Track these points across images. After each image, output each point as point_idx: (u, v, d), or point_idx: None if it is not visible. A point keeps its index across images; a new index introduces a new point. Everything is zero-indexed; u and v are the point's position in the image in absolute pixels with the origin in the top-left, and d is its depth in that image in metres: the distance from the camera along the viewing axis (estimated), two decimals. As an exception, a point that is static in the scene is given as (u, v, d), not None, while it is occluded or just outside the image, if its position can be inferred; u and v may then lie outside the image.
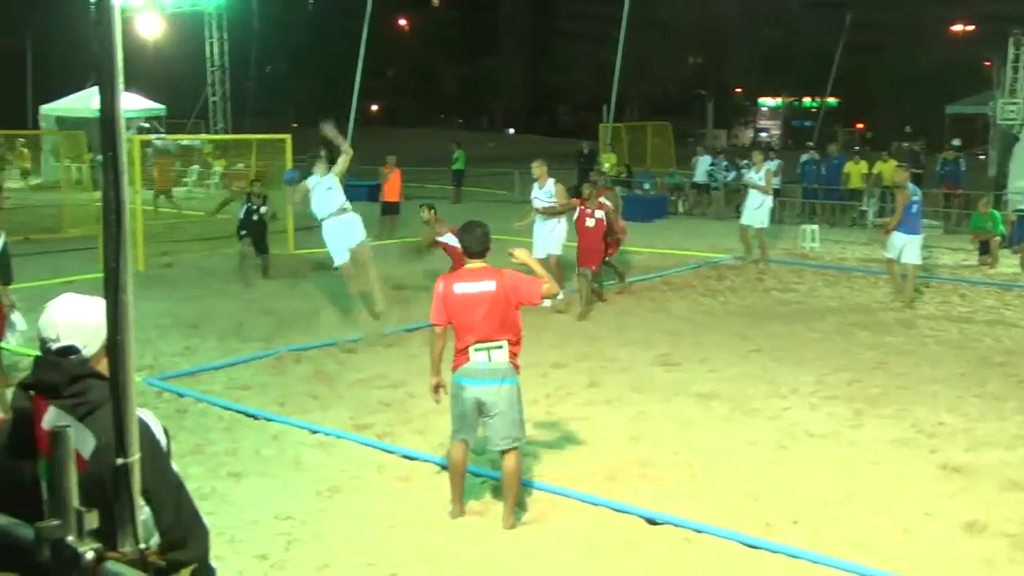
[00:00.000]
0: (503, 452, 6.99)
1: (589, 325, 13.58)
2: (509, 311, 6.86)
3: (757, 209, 19.18)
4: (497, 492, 7.39)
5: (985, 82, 30.99)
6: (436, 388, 7.09)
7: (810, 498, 7.46)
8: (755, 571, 6.33)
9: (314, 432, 8.83)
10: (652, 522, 6.96)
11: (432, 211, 15.34)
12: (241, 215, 17.80)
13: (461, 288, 6.85)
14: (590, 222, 14.66)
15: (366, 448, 8.49)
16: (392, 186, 23.34)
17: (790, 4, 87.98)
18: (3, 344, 9.81)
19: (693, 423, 9.38)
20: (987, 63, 30.85)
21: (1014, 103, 25.92)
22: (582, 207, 14.79)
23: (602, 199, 15.19)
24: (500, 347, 6.83)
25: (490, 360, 6.82)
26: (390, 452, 8.37)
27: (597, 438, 8.83)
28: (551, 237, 15.13)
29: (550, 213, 15.22)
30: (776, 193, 27.58)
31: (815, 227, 22.51)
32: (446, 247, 14.35)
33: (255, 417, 9.25)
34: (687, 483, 7.78)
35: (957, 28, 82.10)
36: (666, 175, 32.80)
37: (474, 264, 6.99)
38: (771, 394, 10.34)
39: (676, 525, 6.88)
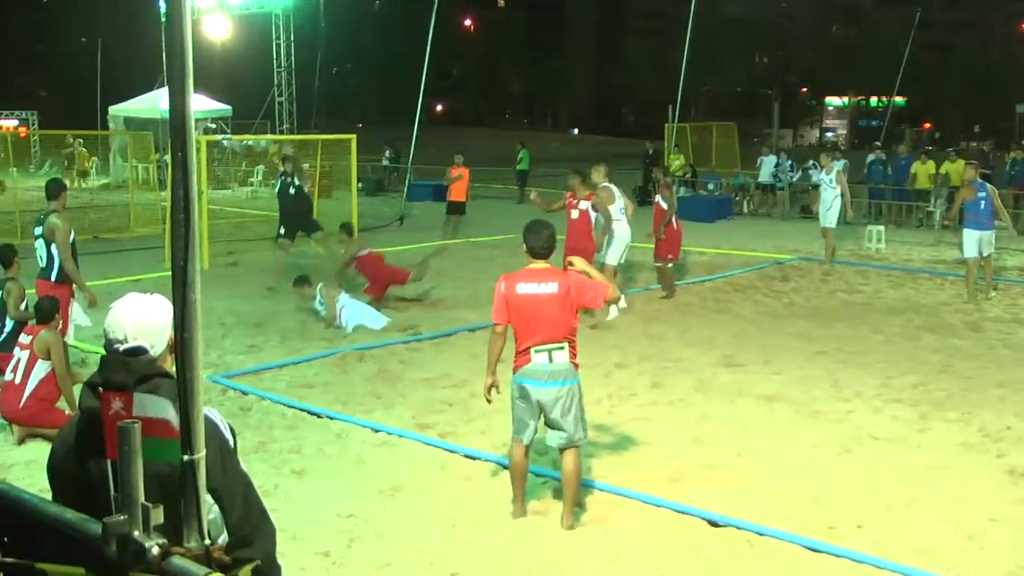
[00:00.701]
0: (562, 451, 6.99)
1: (653, 325, 13.53)
2: (570, 313, 6.84)
3: (828, 211, 19.00)
4: (559, 493, 7.39)
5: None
6: (490, 388, 7.10)
7: (874, 502, 7.37)
8: (817, 575, 6.28)
9: (376, 431, 8.89)
10: (714, 524, 6.93)
11: (349, 234, 15.53)
12: (278, 193, 17.08)
13: (524, 288, 6.83)
14: (574, 214, 14.03)
15: (428, 447, 8.54)
16: (459, 186, 23.25)
17: (859, 2, 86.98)
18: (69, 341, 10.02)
19: (756, 425, 9.31)
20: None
21: (1087, 101, 25.37)
22: (570, 198, 14.22)
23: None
24: (562, 348, 6.82)
25: (551, 361, 6.81)
26: (452, 451, 8.41)
27: (659, 439, 8.80)
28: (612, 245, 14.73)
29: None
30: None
31: (881, 228, 22.23)
32: (361, 265, 14.70)
33: (318, 415, 9.34)
34: (750, 485, 7.73)
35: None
36: (731, 175, 32.58)
37: (538, 264, 6.95)
38: (835, 397, 10.23)
39: (738, 527, 6.84)
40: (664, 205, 15.74)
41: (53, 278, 10.36)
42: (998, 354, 12.29)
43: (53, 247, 10.32)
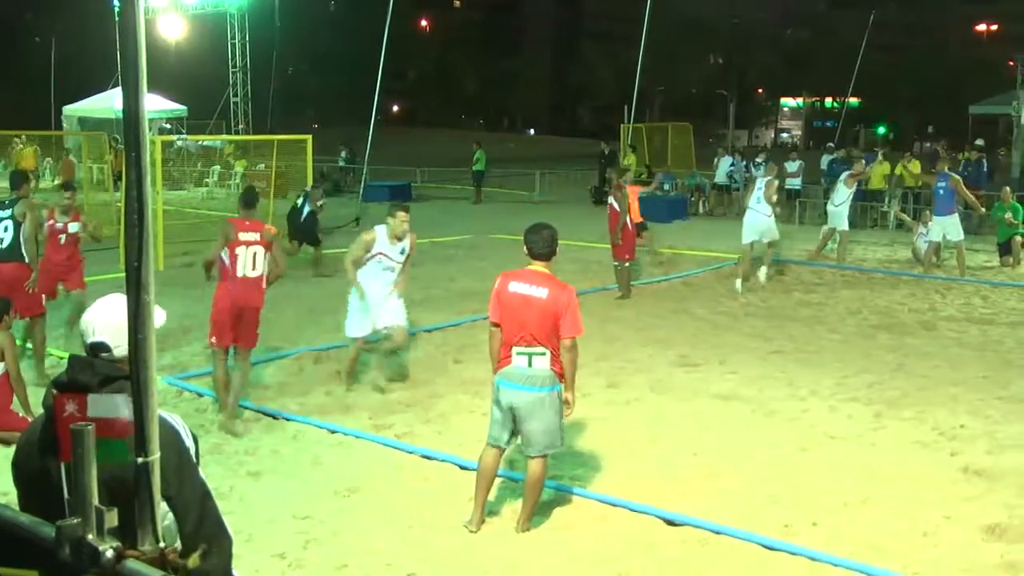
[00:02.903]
0: (531, 457, 6.91)
1: (609, 325, 13.56)
2: (555, 324, 6.68)
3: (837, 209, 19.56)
4: (516, 493, 7.41)
5: (1009, 82, 30.80)
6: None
7: (829, 500, 7.44)
8: (773, 573, 6.33)
9: (333, 432, 8.86)
10: (670, 523, 6.96)
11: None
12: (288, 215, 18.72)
13: (515, 287, 6.76)
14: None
15: (385, 448, 8.52)
16: None
17: (814, 4, 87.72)
18: None
19: (712, 424, 9.37)
20: (1012, 62, 30.60)
21: (1039, 103, 25.83)
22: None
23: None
24: (543, 354, 6.69)
25: (530, 366, 6.69)
26: (409, 452, 8.39)
27: (615, 439, 8.84)
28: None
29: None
30: (796, 194, 27.68)
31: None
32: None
33: (274, 417, 9.30)
34: (706, 484, 7.77)
35: (981, 28, 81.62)
36: (687, 176, 32.75)
37: (536, 266, 6.85)
38: (791, 396, 10.32)
39: (694, 526, 6.88)
40: (617, 207, 15.82)
41: (25, 259, 10.58)
42: (951, 353, 12.44)
43: (21, 229, 10.54)
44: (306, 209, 18.49)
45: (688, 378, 10.99)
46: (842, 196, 19.38)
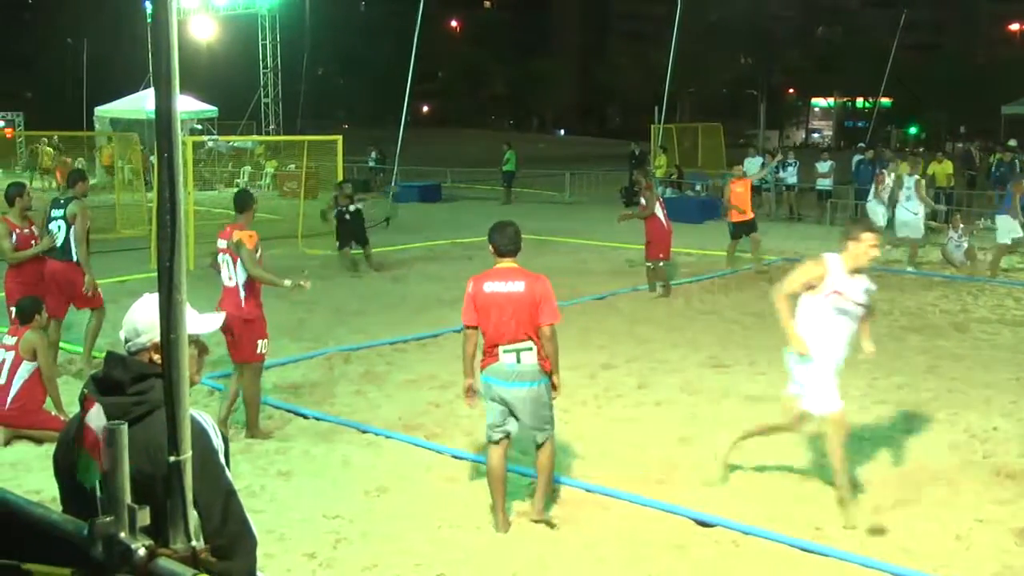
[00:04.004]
0: (538, 445, 7.01)
1: (639, 326, 13.54)
2: (535, 314, 6.76)
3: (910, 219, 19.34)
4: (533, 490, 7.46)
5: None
6: (469, 391, 7.06)
7: (860, 503, 7.39)
8: (804, 575, 6.29)
9: (363, 432, 8.89)
10: (701, 524, 6.94)
11: None
12: (335, 221, 18.79)
13: (491, 287, 6.81)
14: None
15: (415, 448, 8.54)
16: None
17: (846, 3, 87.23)
18: None
19: (742, 425, 9.30)
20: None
21: (1072, 103, 25.57)
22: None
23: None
24: (530, 349, 6.76)
25: (519, 362, 6.75)
26: (439, 452, 8.41)
27: (646, 440, 8.82)
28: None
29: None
30: (827, 195, 27.52)
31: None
32: None
33: (304, 416, 9.34)
34: (736, 485, 7.74)
35: (1014, 27, 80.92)
36: (717, 176, 32.64)
37: (505, 263, 6.92)
38: (821, 397, 10.24)
39: (725, 527, 6.85)
40: (643, 203, 15.92)
41: (74, 258, 10.70)
42: (983, 355, 12.33)
43: (72, 230, 10.64)
44: (351, 208, 18.50)
45: (719, 379, 10.95)
46: (917, 203, 19.21)
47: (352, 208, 18.42)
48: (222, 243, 8.87)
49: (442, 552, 6.50)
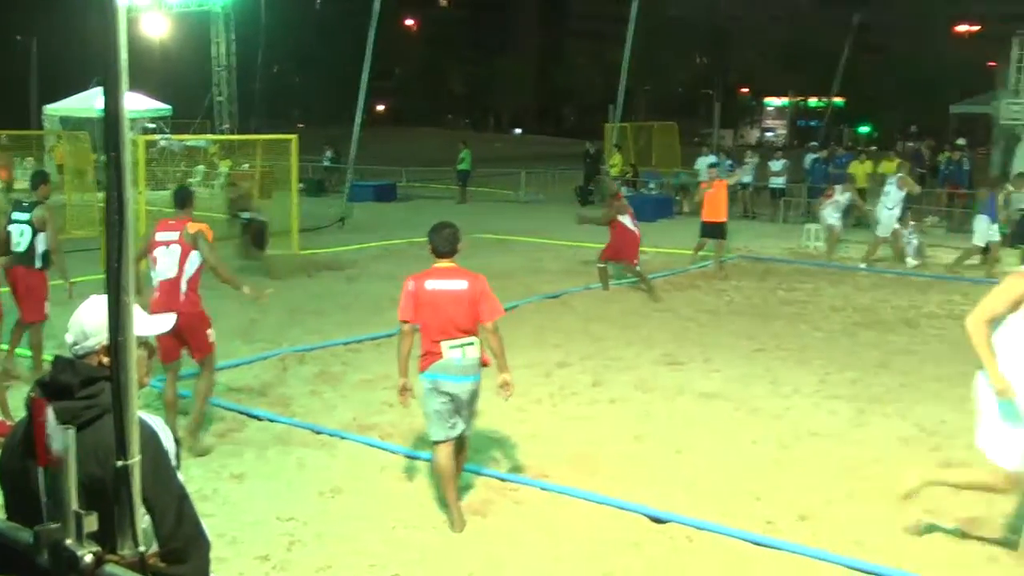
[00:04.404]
0: (459, 443, 7.14)
1: (593, 324, 13.58)
2: (477, 311, 6.93)
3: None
4: (497, 491, 7.46)
5: (990, 82, 30.95)
6: (404, 390, 7.13)
7: (813, 497, 7.48)
8: (758, 569, 6.35)
9: (317, 433, 8.84)
10: (656, 520, 6.98)
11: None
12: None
13: (433, 285, 6.94)
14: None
15: (369, 448, 8.51)
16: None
17: (799, 3, 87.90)
18: None
19: (696, 422, 9.39)
20: (992, 63, 30.79)
21: (1018, 103, 26.04)
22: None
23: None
24: (472, 344, 6.94)
25: (465, 356, 6.91)
26: (393, 452, 8.39)
27: (601, 437, 8.85)
28: None
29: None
30: (781, 193, 27.78)
31: (819, 226, 22.47)
32: None
33: (258, 418, 9.27)
34: (691, 482, 7.79)
35: (962, 28, 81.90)
36: (672, 175, 32.81)
37: (443, 263, 7.06)
38: (774, 393, 10.37)
39: (680, 523, 6.90)
40: (628, 223, 16.00)
41: (37, 265, 10.47)
42: (933, 349, 12.52)
43: (40, 235, 10.41)
44: (244, 215, 18.44)
45: (673, 376, 11.01)
46: (894, 200, 19.39)
47: (246, 216, 18.38)
48: (167, 235, 8.57)
49: (397, 552, 6.49)
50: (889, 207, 19.27)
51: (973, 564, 6.42)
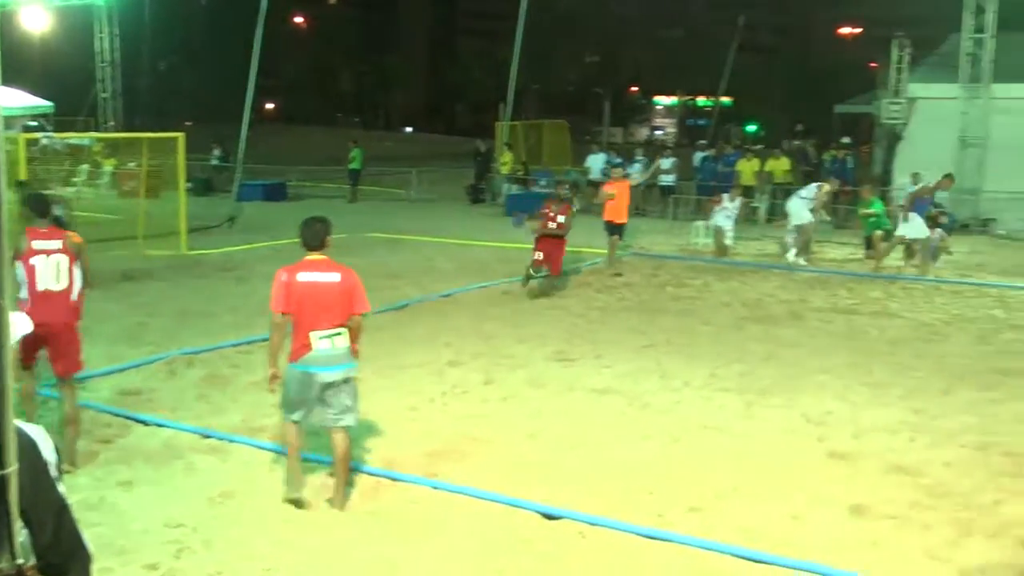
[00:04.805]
0: (333, 431, 7.23)
1: (485, 323, 13.60)
2: (348, 303, 7.11)
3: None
4: (389, 491, 7.43)
5: (872, 83, 31.82)
6: (273, 378, 7.26)
7: (703, 489, 7.60)
8: (649, 562, 6.43)
9: (206, 437, 8.68)
10: (548, 517, 7.02)
11: None
12: None
13: (305, 276, 7.07)
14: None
15: (260, 451, 8.39)
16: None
17: (689, 4, 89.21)
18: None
19: (588, 418, 9.47)
20: (873, 64, 31.67)
21: (898, 103, 26.84)
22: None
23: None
24: (341, 334, 7.08)
25: (334, 347, 7.05)
26: (283, 454, 8.26)
27: (493, 435, 8.87)
28: None
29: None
30: (670, 191, 28.16)
31: (708, 223, 22.83)
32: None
33: (145, 423, 9.05)
34: (583, 478, 7.84)
35: (845, 31, 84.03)
36: (562, 173, 33.01)
37: (314, 256, 7.20)
38: (664, 388, 10.51)
39: (571, 519, 6.94)
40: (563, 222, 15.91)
41: None
42: (819, 342, 12.84)
43: None
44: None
45: (564, 373, 11.09)
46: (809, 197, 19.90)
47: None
48: (45, 244, 8.04)
49: (289, 555, 6.41)
50: (803, 196, 19.79)
51: (855, 548, 6.60)
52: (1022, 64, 25.05)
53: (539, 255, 15.63)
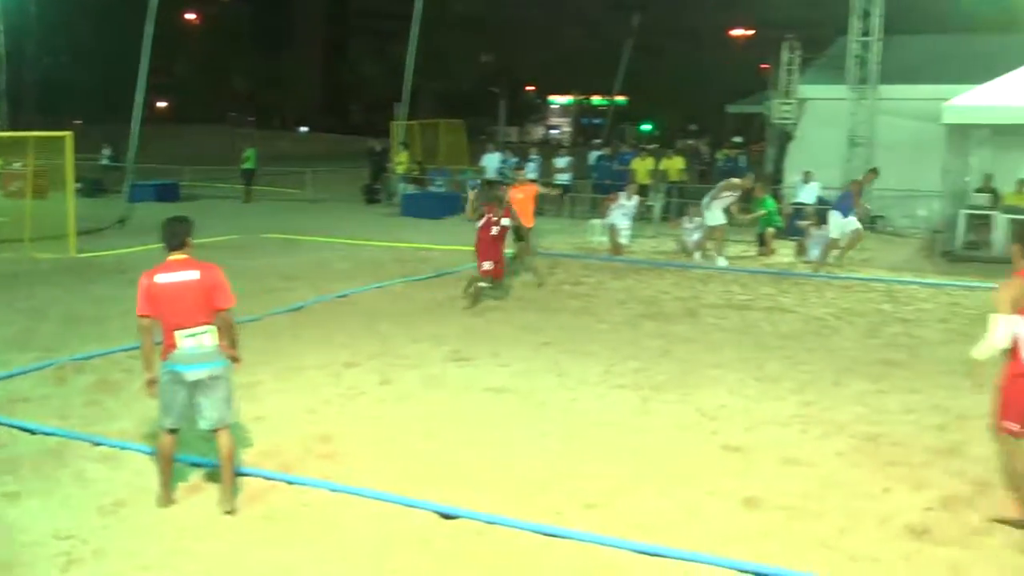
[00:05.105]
0: (217, 432, 7.20)
1: (380, 323, 13.53)
2: (212, 300, 7.13)
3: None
4: (284, 493, 7.37)
5: (763, 83, 32.43)
6: (151, 383, 7.21)
7: (600, 484, 7.67)
8: (548, 559, 6.47)
9: (97, 444, 8.49)
10: (445, 516, 7.02)
11: None
12: None
13: (163, 278, 7.08)
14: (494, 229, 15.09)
15: (153, 458, 8.22)
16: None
17: (584, 4, 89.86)
18: None
19: (484, 417, 9.50)
20: (765, 65, 32.27)
21: (788, 103, 27.48)
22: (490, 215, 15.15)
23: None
24: (207, 332, 7.10)
25: (200, 345, 7.08)
26: (177, 460, 8.12)
27: (391, 436, 8.85)
28: None
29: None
30: (566, 189, 28.36)
31: (604, 222, 23.04)
32: None
33: (32, 432, 8.82)
34: (480, 477, 7.87)
35: (737, 32, 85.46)
36: (459, 172, 33.03)
37: (176, 256, 7.21)
38: (561, 386, 10.59)
39: (469, 518, 6.96)
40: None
41: None
42: (713, 338, 13.06)
43: None
44: None
45: (461, 372, 11.11)
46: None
47: None
48: None
49: (183, 564, 6.31)
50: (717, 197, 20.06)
51: (747, 539, 6.73)
52: (908, 66, 25.74)
53: (489, 264, 14.93)
